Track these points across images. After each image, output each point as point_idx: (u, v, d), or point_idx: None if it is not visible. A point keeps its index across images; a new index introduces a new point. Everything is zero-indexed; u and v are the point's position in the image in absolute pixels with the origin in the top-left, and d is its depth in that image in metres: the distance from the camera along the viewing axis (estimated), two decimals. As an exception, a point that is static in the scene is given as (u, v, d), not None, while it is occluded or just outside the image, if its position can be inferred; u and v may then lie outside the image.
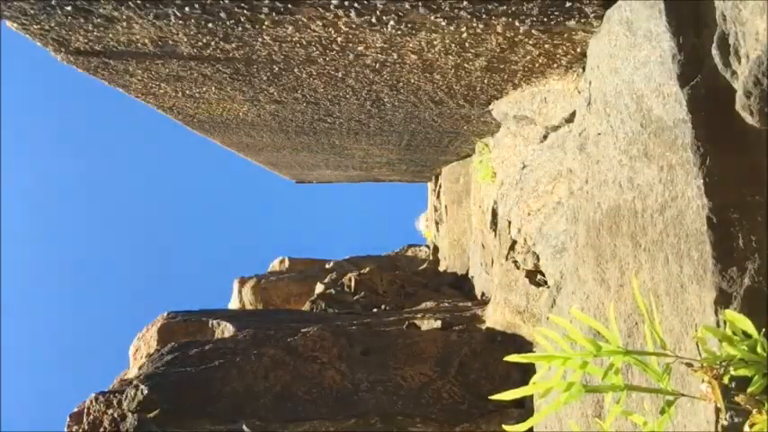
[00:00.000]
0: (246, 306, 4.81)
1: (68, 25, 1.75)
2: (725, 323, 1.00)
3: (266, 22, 1.67)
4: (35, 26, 1.78)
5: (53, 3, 1.60)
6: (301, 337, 2.36)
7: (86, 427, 2.12)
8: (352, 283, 3.90)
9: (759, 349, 0.93)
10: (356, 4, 1.55)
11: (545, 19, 1.61)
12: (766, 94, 0.98)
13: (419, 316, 2.90)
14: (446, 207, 5.18)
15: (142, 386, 2.11)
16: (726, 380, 0.96)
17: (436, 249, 5.89)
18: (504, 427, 1.06)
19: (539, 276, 2.37)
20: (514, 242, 2.67)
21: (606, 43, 1.53)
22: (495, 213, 3.12)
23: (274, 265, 6.31)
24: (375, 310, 3.44)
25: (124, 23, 1.71)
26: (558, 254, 2.17)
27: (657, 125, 1.28)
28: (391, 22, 1.66)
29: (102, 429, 2.08)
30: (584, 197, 1.65)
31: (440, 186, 5.50)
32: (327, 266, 5.80)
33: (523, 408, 2.14)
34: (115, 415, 2.08)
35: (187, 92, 2.52)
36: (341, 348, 2.34)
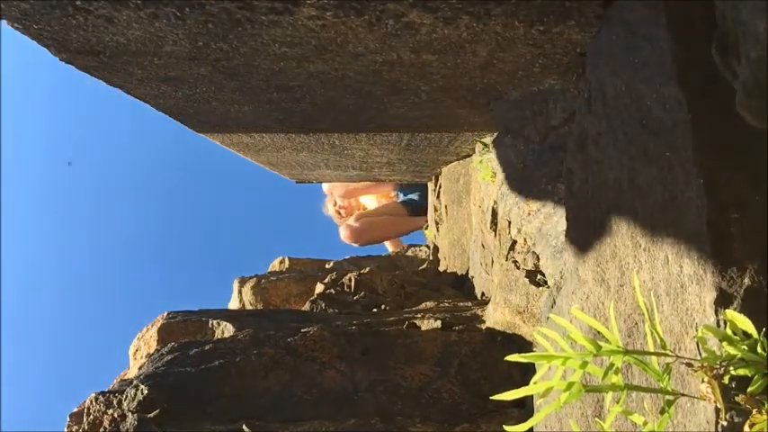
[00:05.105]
0: (246, 306, 4.79)
1: (68, 25, 1.75)
2: (725, 323, 1.00)
3: (265, 23, 1.67)
4: (35, 26, 1.77)
5: (53, 3, 1.60)
6: (301, 336, 2.36)
7: (86, 427, 2.12)
8: (352, 283, 3.89)
9: (759, 349, 0.93)
10: (356, 4, 1.55)
11: (545, 19, 1.61)
12: (766, 94, 0.98)
13: (419, 316, 2.90)
14: (446, 207, 5.17)
15: (142, 386, 2.11)
16: (726, 380, 0.96)
17: (436, 249, 5.87)
18: (505, 427, 1.06)
19: (539, 276, 2.36)
20: (514, 242, 2.67)
21: (606, 43, 1.53)
22: (495, 213, 3.11)
23: (274, 265, 6.29)
24: (375, 310, 3.44)
25: (124, 23, 1.71)
26: (557, 254, 2.17)
27: (657, 125, 1.28)
28: (390, 22, 1.65)
29: (102, 429, 2.08)
30: (584, 197, 1.65)
31: (440, 186, 5.49)
32: (327, 266, 5.79)
33: (523, 408, 2.13)
34: (115, 415, 2.08)
35: (187, 92, 2.52)
36: (341, 348, 2.34)
